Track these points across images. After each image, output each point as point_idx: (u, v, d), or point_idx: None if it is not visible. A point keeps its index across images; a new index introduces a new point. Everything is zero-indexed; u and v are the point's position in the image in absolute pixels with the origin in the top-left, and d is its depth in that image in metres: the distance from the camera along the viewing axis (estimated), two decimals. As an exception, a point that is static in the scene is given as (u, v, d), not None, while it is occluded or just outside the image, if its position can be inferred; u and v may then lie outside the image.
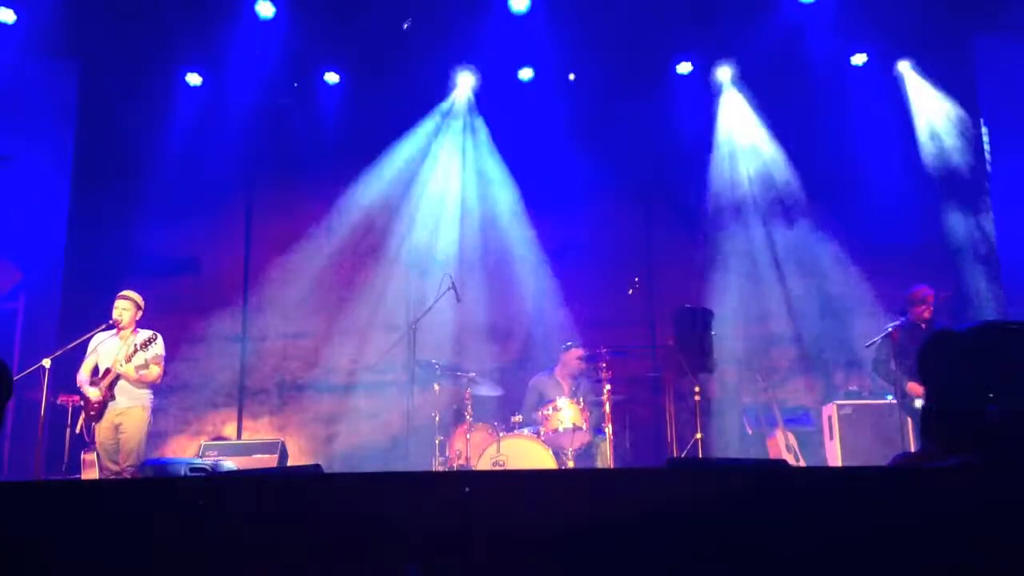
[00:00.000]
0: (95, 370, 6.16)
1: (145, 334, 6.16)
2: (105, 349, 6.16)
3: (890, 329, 6.41)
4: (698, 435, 6.98)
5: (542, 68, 8.53)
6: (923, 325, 6.45)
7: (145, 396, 6.16)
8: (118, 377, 6.03)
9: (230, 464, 6.83)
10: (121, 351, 6.09)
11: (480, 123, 8.83)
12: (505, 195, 8.70)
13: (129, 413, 6.05)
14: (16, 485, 2.59)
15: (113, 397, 6.04)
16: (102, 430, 6.04)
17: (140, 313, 6.27)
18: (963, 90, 8.18)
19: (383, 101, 8.65)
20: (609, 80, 8.53)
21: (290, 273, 8.65)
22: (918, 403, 6.34)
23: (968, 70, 8.11)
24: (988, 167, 8.00)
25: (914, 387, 6.36)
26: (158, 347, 6.17)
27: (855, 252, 8.33)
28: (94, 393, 6.02)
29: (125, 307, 6.17)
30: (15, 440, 7.10)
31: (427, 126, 8.84)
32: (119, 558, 1.95)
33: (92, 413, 6.04)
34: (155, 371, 6.14)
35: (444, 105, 8.82)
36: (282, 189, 8.90)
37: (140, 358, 6.07)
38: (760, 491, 1.94)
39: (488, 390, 7.26)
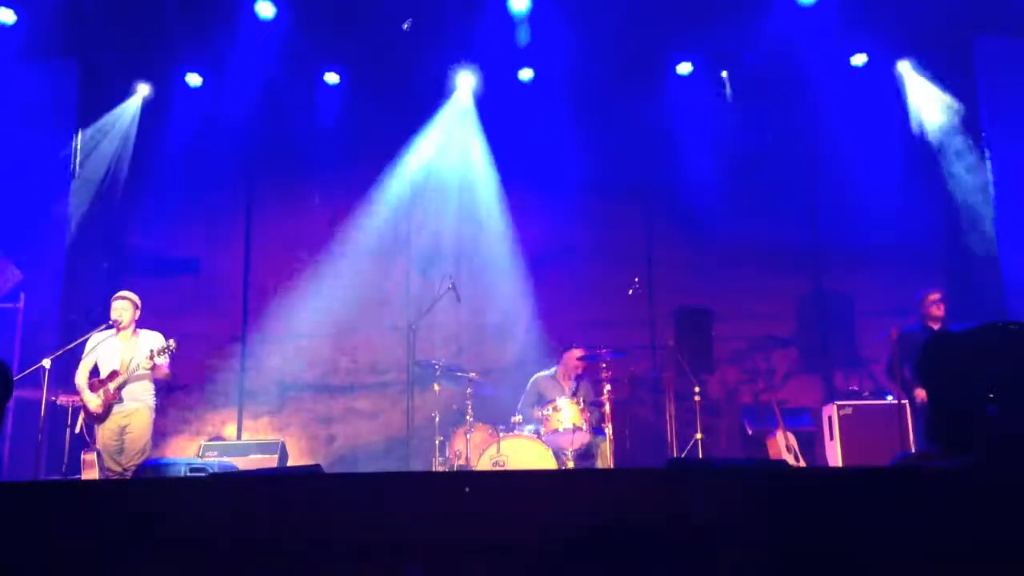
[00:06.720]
0: (94, 371, 6.15)
1: (156, 341, 6.15)
2: (105, 350, 6.14)
3: (893, 331, 6.37)
4: (698, 435, 6.98)
5: (542, 68, 8.52)
6: (936, 329, 6.36)
7: (149, 395, 6.17)
8: (126, 381, 6.02)
9: (230, 464, 6.82)
10: (128, 353, 6.06)
11: (480, 123, 8.81)
12: (506, 195, 8.70)
13: (135, 414, 6.06)
14: (16, 485, 2.58)
15: (121, 400, 6.03)
16: (106, 432, 6.03)
17: (138, 313, 6.27)
18: (963, 90, 8.18)
19: (383, 101, 8.65)
20: (609, 80, 8.53)
21: (290, 273, 8.65)
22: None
23: (968, 70, 8.11)
24: (988, 167, 7.99)
25: (921, 393, 6.29)
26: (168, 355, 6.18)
27: (855, 251, 8.33)
28: (94, 402, 6.00)
29: (124, 307, 6.17)
30: (15, 440, 7.09)
31: (427, 126, 8.83)
32: (119, 558, 1.95)
33: (93, 416, 6.04)
34: (164, 365, 6.17)
35: (445, 105, 8.81)
36: (282, 189, 8.89)
37: (161, 359, 6.09)
38: (760, 491, 1.94)
39: (488, 390, 7.25)
